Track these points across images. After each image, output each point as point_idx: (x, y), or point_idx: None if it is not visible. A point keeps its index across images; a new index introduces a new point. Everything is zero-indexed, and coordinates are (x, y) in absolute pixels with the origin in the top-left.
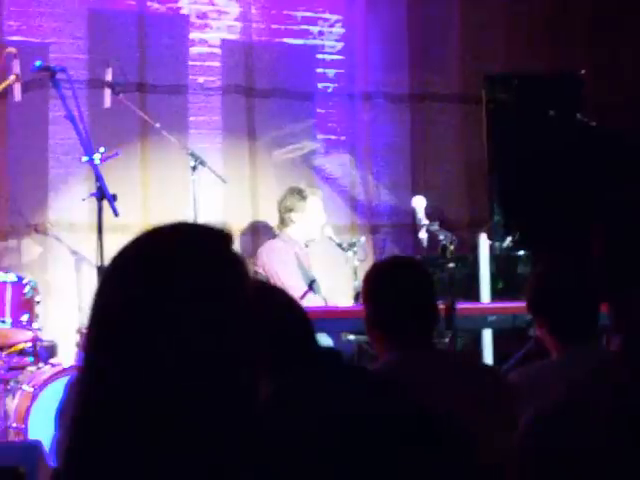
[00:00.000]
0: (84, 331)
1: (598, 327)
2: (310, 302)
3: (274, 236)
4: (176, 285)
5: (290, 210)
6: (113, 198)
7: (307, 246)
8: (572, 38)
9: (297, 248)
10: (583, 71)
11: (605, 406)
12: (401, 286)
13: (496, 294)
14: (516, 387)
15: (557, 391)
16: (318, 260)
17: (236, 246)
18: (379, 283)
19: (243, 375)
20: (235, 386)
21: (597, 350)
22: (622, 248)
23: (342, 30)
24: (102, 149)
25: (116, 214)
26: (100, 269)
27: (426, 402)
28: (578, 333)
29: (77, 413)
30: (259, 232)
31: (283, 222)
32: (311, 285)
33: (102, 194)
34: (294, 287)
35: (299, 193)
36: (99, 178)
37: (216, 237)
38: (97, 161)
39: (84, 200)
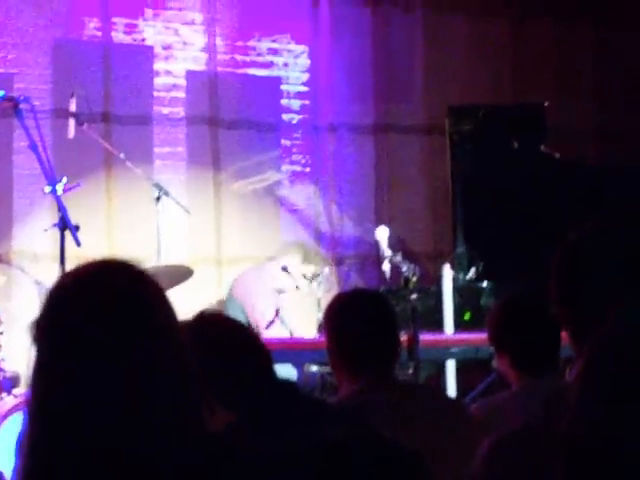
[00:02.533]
0: None
1: (559, 358)
2: (275, 333)
3: (237, 266)
4: (113, 321)
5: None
6: (75, 228)
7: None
8: (537, 69)
9: (269, 279)
10: (547, 103)
11: (557, 438)
12: (363, 318)
13: (462, 325)
14: (477, 419)
15: (515, 423)
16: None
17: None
18: (341, 314)
19: (180, 410)
20: (172, 420)
21: (557, 381)
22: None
23: (307, 61)
24: (65, 179)
25: (78, 244)
26: None
27: (386, 433)
28: (538, 365)
29: (28, 445)
30: (223, 263)
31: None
32: (278, 315)
33: (64, 224)
34: (261, 317)
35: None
36: (61, 208)
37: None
38: (60, 191)
39: (46, 230)
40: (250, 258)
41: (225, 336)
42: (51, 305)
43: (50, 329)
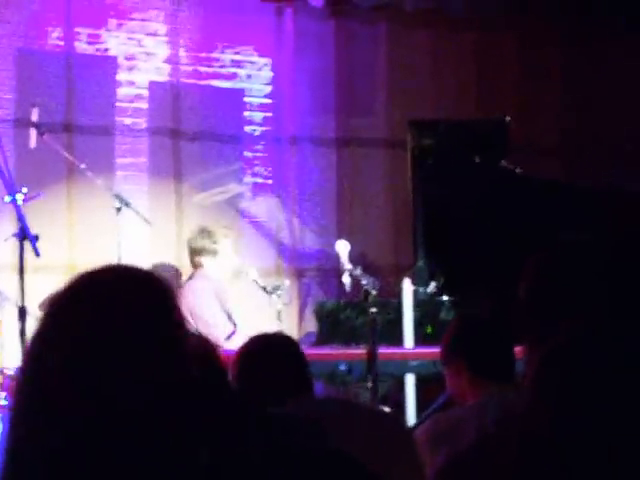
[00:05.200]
0: (6, 372)
1: (514, 372)
2: (236, 344)
3: (189, 277)
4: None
5: (200, 253)
6: (35, 239)
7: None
8: (501, 84)
9: (214, 285)
10: (508, 118)
11: (509, 453)
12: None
13: (423, 339)
14: (432, 433)
15: (470, 437)
16: (242, 302)
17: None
18: (248, 358)
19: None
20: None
21: (511, 396)
22: (550, 289)
23: (270, 74)
24: (25, 189)
25: (37, 254)
26: (21, 310)
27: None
28: (494, 378)
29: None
30: (184, 274)
31: (193, 264)
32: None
33: (24, 234)
34: (218, 327)
35: (210, 236)
36: (21, 218)
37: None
38: (20, 201)
39: (6, 240)
40: None
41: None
42: (54, 316)
43: (54, 336)
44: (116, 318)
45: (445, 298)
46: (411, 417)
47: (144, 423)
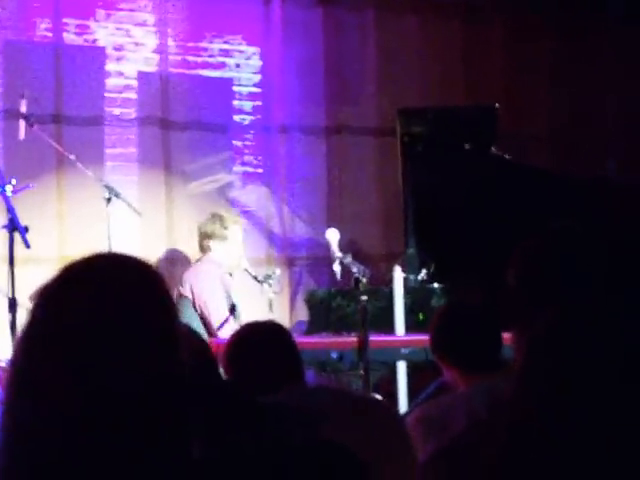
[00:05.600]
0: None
1: (502, 359)
2: (228, 330)
3: (197, 260)
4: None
5: (210, 237)
6: (25, 230)
7: (231, 275)
8: (489, 71)
9: (221, 271)
10: (497, 104)
11: (498, 440)
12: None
13: (415, 326)
14: (423, 420)
15: (461, 424)
16: (233, 292)
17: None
18: (239, 347)
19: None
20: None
21: (501, 383)
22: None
23: (259, 62)
24: (14, 181)
25: (27, 246)
26: (12, 301)
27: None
28: (480, 366)
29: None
30: (175, 263)
31: (202, 248)
32: (232, 310)
33: (13, 226)
34: (219, 311)
35: (221, 221)
36: (10, 210)
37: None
38: (9, 193)
39: None
40: None
41: None
42: (48, 302)
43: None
44: (108, 307)
45: (436, 285)
46: (403, 405)
47: (136, 413)
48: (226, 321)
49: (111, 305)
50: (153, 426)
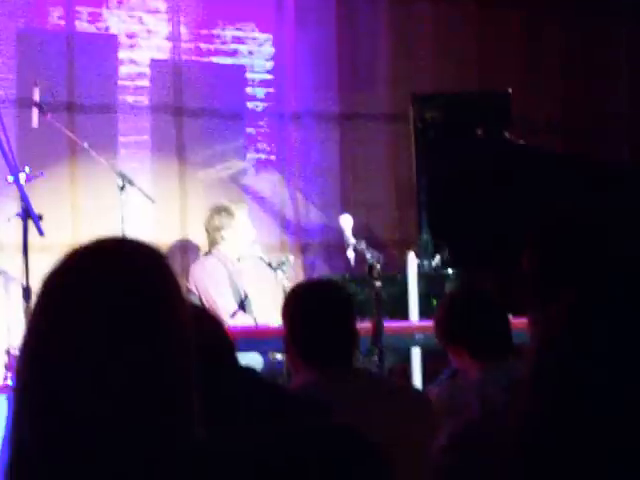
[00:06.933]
0: (12, 352)
1: (512, 343)
2: (240, 321)
3: (205, 254)
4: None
5: (219, 229)
6: (39, 218)
7: (239, 260)
8: (503, 57)
9: (230, 265)
10: (510, 89)
11: (512, 426)
12: (319, 308)
13: (429, 312)
14: (436, 405)
15: (474, 409)
16: (247, 279)
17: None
18: (297, 304)
19: (180, 389)
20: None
21: (514, 367)
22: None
23: (272, 49)
24: (27, 169)
25: (41, 234)
26: (26, 289)
27: (344, 420)
28: (493, 350)
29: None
30: (188, 251)
31: (213, 241)
32: (242, 303)
33: (27, 214)
34: (224, 306)
35: (226, 210)
36: (24, 198)
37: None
38: (22, 181)
39: (9, 220)
40: None
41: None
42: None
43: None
44: (117, 294)
45: (450, 271)
46: None
47: (145, 404)
48: (235, 313)
49: (119, 292)
50: (162, 415)
